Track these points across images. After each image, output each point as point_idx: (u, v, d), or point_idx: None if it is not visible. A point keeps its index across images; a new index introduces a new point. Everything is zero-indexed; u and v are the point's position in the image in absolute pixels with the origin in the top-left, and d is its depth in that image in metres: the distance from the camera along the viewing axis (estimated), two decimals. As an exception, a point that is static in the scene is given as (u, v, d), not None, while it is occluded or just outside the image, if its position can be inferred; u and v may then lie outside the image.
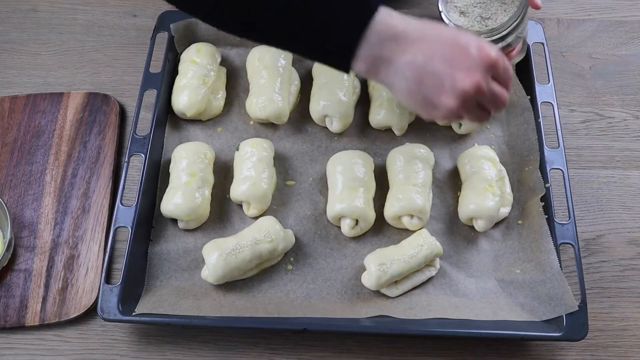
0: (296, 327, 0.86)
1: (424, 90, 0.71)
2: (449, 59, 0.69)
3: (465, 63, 0.69)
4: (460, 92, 0.70)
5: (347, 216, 0.94)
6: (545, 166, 0.97)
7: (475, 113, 0.74)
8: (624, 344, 0.91)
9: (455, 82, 0.69)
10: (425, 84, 0.70)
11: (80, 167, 1.02)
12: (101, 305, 0.87)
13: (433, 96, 0.71)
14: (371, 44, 0.70)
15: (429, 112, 0.73)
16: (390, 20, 0.70)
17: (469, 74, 0.69)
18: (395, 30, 0.69)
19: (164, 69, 1.06)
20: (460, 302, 0.90)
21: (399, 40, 0.70)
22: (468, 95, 0.70)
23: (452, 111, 0.71)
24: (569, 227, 0.92)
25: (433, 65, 0.69)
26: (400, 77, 0.71)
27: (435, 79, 0.70)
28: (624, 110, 1.11)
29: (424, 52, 0.69)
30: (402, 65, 0.70)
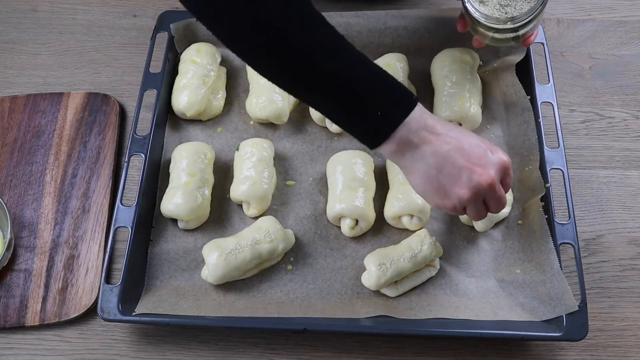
0: (296, 327, 0.86)
1: (441, 178, 0.77)
2: (469, 155, 0.76)
3: (483, 161, 0.77)
4: (475, 185, 0.76)
5: (347, 216, 0.94)
6: (545, 166, 0.97)
7: (479, 208, 0.80)
8: (624, 344, 0.91)
9: (472, 175, 0.76)
10: (444, 173, 0.77)
11: (80, 167, 1.02)
12: (101, 305, 0.87)
13: (447, 185, 0.77)
14: (406, 130, 0.76)
15: (440, 199, 0.79)
16: (424, 113, 0.77)
17: (485, 171, 0.76)
18: (426, 122, 0.76)
19: (164, 69, 1.06)
20: (460, 302, 0.90)
21: (429, 131, 0.76)
22: (481, 190, 0.77)
23: (462, 201, 0.78)
24: (569, 227, 0.92)
25: (455, 158, 0.76)
26: (423, 162, 0.77)
27: (454, 170, 0.76)
28: (624, 110, 1.11)
29: (448, 145, 0.76)
30: (427, 151, 0.76)
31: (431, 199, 0.80)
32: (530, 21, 0.93)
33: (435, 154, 0.76)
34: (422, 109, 0.77)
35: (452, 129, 0.78)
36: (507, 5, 0.93)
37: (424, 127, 0.76)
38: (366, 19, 1.09)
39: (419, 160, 0.77)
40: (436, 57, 1.08)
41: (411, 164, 0.78)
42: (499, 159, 0.78)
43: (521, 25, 0.93)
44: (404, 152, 0.77)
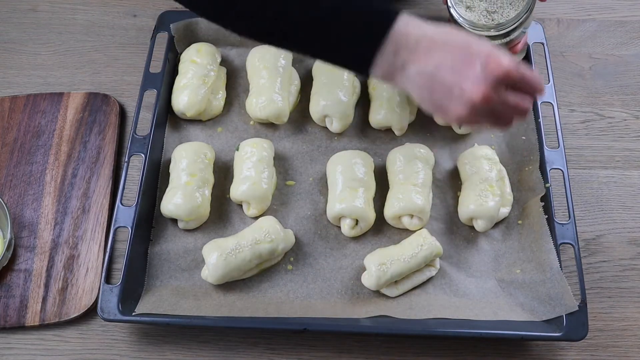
0: (296, 327, 0.86)
1: (435, 98, 0.73)
2: (457, 69, 0.70)
3: (473, 74, 0.70)
4: (468, 101, 0.71)
5: (347, 216, 0.94)
6: (545, 166, 0.97)
7: (494, 119, 0.74)
8: (624, 344, 0.91)
9: (463, 92, 0.70)
10: (436, 92, 0.72)
11: (80, 167, 1.02)
12: (101, 305, 0.87)
13: (443, 104, 0.73)
14: (387, 52, 0.72)
15: (444, 116, 0.75)
16: (407, 28, 0.71)
17: (475, 86, 0.70)
18: (408, 39, 0.71)
19: (164, 69, 1.06)
20: (460, 302, 0.90)
21: (412, 49, 0.71)
22: (476, 105, 0.71)
23: (462, 118, 0.73)
24: (569, 227, 0.92)
25: (442, 75, 0.71)
26: (413, 84, 0.73)
27: (444, 88, 0.71)
28: (624, 110, 1.11)
29: (434, 61, 0.71)
30: (413, 72, 0.72)
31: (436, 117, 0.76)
32: (516, 28, 0.92)
33: (422, 74, 0.72)
34: (404, 23, 0.71)
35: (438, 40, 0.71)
36: (494, 12, 0.93)
37: (406, 46, 0.71)
38: (366, 19, 1.09)
39: (410, 83, 0.73)
40: (436, 57, 1.08)
41: (405, 86, 0.74)
42: (491, 69, 0.70)
43: (508, 32, 0.92)
44: (394, 76, 0.74)
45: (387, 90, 1.03)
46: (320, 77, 1.06)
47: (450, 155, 1.03)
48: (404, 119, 1.03)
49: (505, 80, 0.71)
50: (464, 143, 1.04)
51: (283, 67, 1.06)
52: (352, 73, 0.76)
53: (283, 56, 1.06)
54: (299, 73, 1.10)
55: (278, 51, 1.06)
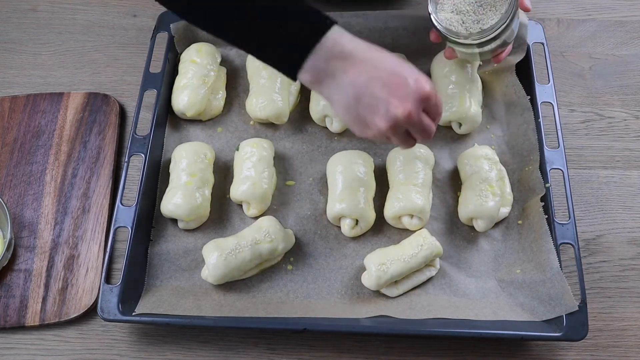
0: (296, 327, 0.86)
1: (360, 109, 0.76)
2: (387, 85, 0.74)
3: (402, 91, 0.74)
4: (392, 116, 0.75)
5: (347, 216, 0.94)
6: (545, 166, 0.97)
7: (402, 138, 0.79)
8: (624, 344, 0.91)
9: (389, 106, 0.74)
10: (362, 104, 0.75)
11: (80, 167, 1.02)
12: (101, 305, 0.87)
13: (367, 116, 0.76)
14: (319, 58, 0.74)
15: (361, 129, 0.78)
16: (341, 38, 0.74)
17: (402, 102, 0.74)
18: (343, 48, 0.74)
19: (164, 69, 1.06)
20: (460, 302, 0.90)
21: (346, 59, 0.74)
22: (399, 121, 0.75)
23: (381, 132, 0.77)
24: (569, 227, 0.92)
25: (372, 88, 0.74)
26: (341, 93, 0.75)
27: (372, 100, 0.75)
28: (624, 110, 1.11)
29: (367, 73, 0.74)
30: (345, 82, 0.75)
31: (353, 128, 0.79)
32: (494, 38, 0.91)
33: (353, 84, 0.74)
34: (339, 34, 0.74)
35: (374, 56, 0.75)
36: (478, 21, 0.92)
37: (340, 55, 0.74)
38: (366, 19, 1.09)
39: (337, 91, 0.76)
40: (436, 57, 1.08)
41: (330, 94, 0.77)
42: (418, 89, 0.74)
43: (484, 41, 0.92)
44: (322, 82, 0.76)
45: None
46: (320, 77, 1.06)
47: (450, 155, 1.03)
48: (404, 119, 1.03)
49: (426, 101, 0.76)
50: (464, 143, 1.04)
51: (283, 67, 1.06)
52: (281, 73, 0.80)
53: (283, 56, 1.06)
54: (299, 73, 1.10)
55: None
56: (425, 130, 0.78)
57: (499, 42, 0.93)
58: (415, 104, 0.75)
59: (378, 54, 0.76)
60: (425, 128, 0.78)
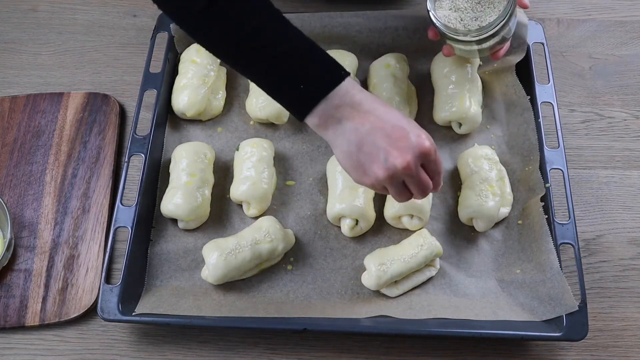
0: (296, 327, 0.86)
1: (360, 156, 0.78)
2: (389, 136, 0.77)
3: (402, 144, 0.76)
4: (390, 166, 0.77)
5: (347, 216, 0.94)
6: (545, 166, 0.97)
7: (399, 190, 0.80)
8: (624, 344, 0.91)
9: (389, 156, 0.76)
10: (363, 151, 0.78)
11: (80, 167, 1.02)
12: (101, 305, 0.87)
13: (366, 163, 0.78)
14: (329, 105, 0.77)
15: (359, 176, 0.80)
16: (352, 89, 0.78)
17: (402, 154, 0.76)
18: (353, 98, 0.77)
19: (164, 69, 1.06)
20: (460, 302, 0.90)
21: (354, 107, 0.77)
22: (397, 172, 0.77)
23: (378, 181, 0.79)
24: (569, 227, 0.92)
25: (374, 137, 0.77)
26: (344, 139, 0.78)
27: (373, 149, 0.77)
28: (624, 110, 1.11)
29: (371, 123, 0.77)
30: (349, 128, 0.78)
31: (352, 174, 0.81)
32: (493, 35, 0.92)
33: (357, 131, 0.77)
34: (351, 85, 0.78)
35: (380, 108, 0.78)
36: (476, 18, 0.92)
37: (349, 104, 0.77)
38: (366, 19, 1.09)
39: (341, 136, 0.78)
40: (436, 57, 1.08)
41: (334, 139, 0.79)
42: (418, 144, 0.77)
43: (483, 38, 0.92)
44: (327, 127, 0.79)
45: (387, 90, 1.03)
46: (320, 77, 1.06)
47: (450, 155, 1.03)
48: (404, 119, 1.03)
49: (425, 157, 0.78)
50: (464, 143, 1.04)
51: (283, 67, 1.06)
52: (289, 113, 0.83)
53: (283, 56, 1.06)
54: (299, 73, 1.09)
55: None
56: (421, 184, 0.80)
57: (497, 39, 0.93)
58: (414, 157, 0.77)
59: (384, 107, 0.79)
60: (422, 183, 0.80)
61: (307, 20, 1.09)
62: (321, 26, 1.09)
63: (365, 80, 1.09)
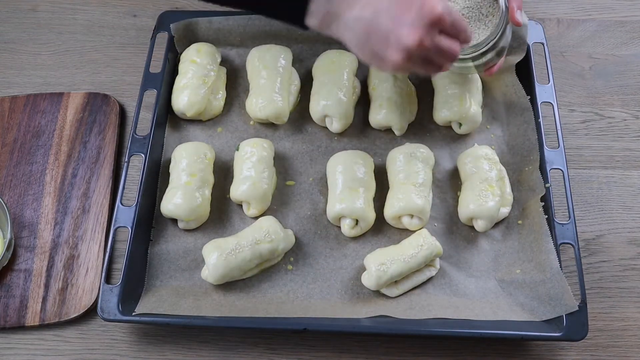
0: (296, 327, 0.86)
1: (371, 44, 0.73)
2: (393, 15, 0.71)
3: (409, 19, 0.71)
4: (404, 47, 0.72)
5: (347, 216, 0.94)
6: (545, 166, 0.97)
7: (424, 65, 0.76)
8: (624, 344, 0.91)
9: (399, 38, 0.71)
10: (373, 39, 0.73)
11: (80, 167, 1.02)
12: (101, 305, 0.87)
13: (380, 50, 0.73)
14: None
15: (379, 64, 0.76)
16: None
17: (411, 31, 0.71)
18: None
19: (164, 69, 1.06)
20: (460, 302, 0.90)
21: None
22: (412, 51, 0.72)
23: (398, 64, 0.74)
24: (569, 227, 0.92)
25: (379, 21, 0.72)
26: (350, 31, 0.73)
27: (381, 34, 0.72)
28: (624, 110, 1.11)
29: (371, 6, 0.72)
30: (351, 19, 0.73)
31: (372, 64, 0.77)
32: (487, 51, 0.92)
33: (360, 20, 0.73)
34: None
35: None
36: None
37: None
38: (366, 19, 1.09)
39: (347, 30, 0.74)
40: (436, 57, 1.08)
41: (342, 35, 0.75)
42: (427, 12, 0.71)
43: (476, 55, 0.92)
44: (330, 24, 0.74)
45: (387, 90, 1.03)
46: (320, 77, 1.06)
47: (450, 155, 1.03)
48: (404, 119, 1.03)
49: (439, 24, 0.72)
50: (464, 143, 1.04)
51: (283, 67, 1.06)
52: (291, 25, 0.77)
53: (283, 56, 1.06)
54: (299, 73, 1.10)
55: (278, 51, 1.06)
56: (445, 52, 0.74)
57: (491, 55, 0.94)
58: (425, 29, 0.71)
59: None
60: (445, 50, 0.74)
61: (307, 20, 1.09)
62: (321, 26, 1.09)
63: (365, 81, 1.09)
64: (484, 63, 0.96)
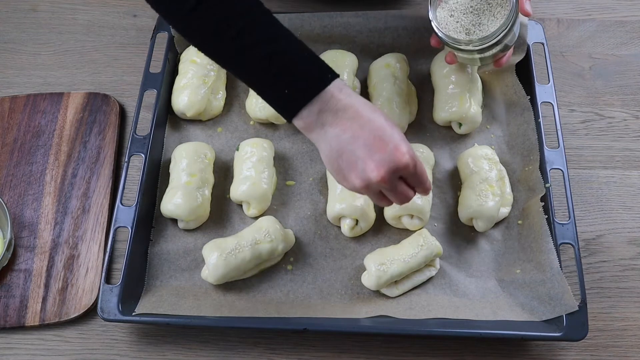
0: (296, 327, 0.86)
1: (340, 162, 0.78)
2: (368, 147, 0.76)
3: (379, 157, 0.76)
4: (366, 178, 0.77)
5: (347, 216, 0.94)
6: (545, 166, 0.97)
7: (378, 197, 0.81)
8: (624, 344, 0.91)
9: (365, 168, 0.77)
10: (343, 158, 0.78)
11: (80, 167, 1.02)
12: (101, 305, 0.87)
13: (345, 170, 0.79)
14: (313, 109, 0.77)
15: (340, 180, 0.81)
16: (339, 94, 0.77)
17: (378, 167, 0.76)
18: (337, 104, 0.77)
19: (164, 69, 1.06)
20: (460, 302, 0.90)
21: (337, 114, 0.77)
22: (371, 183, 0.77)
23: (356, 189, 0.79)
24: (569, 227, 0.92)
25: (354, 147, 0.77)
26: (327, 144, 0.79)
27: (352, 157, 0.77)
28: (624, 110, 1.11)
29: (352, 131, 0.77)
30: (331, 134, 0.78)
31: (334, 177, 0.81)
32: (497, 43, 0.91)
33: (338, 138, 0.77)
34: (338, 89, 0.77)
35: (365, 115, 0.77)
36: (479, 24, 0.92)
37: (333, 109, 0.77)
38: (366, 19, 1.09)
39: (324, 141, 0.79)
40: (436, 57, 1.08)
41: (318, 142, 0.80)
42: (395, 158, 0.76)
43: (487, 46, 0.91)
44: (312, 130, 0.79)
45: (387, 90, 1.03)
46: (320, 77, 1.06)
47: (450, 155, 1.03)
48: (404, 119, 1.03)
49: (402, 170, 0.77)
50: (464, 143, 1.04)
51: (283, 67, 1.06)
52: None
53: (283, 56, 1.06)
54: (299, 73, 1.09)
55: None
56: (399, 195, 0.80)
57: (500, 47, 0.93)
58: (389, 171, 0.76)
59: (371, 113, 0.77)
60: (400, 194, 0.80)
61: (307, 20, 1.09)
62: (321, 26, 1.09)
63: (365, 80, 1.09)
64: (491, 56, 0.95)
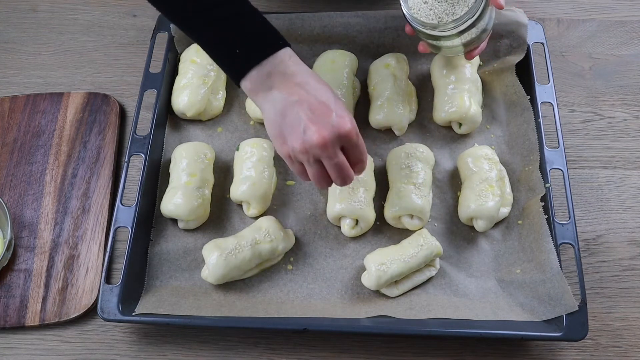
0: (296, 327, 0.86)
1: (283, 125, 0.79)
2: (312, 111, 0.78)
3: (323, 120, 0.77)
4: (307, 140, 0.78)
5: (347, 216, 0.94)
6: (545, 166, 0.97)
7: (317, 171, 0.81)
8: (624, 344, 0.91)
9: (306, 130, 0.78)
10: (286, 121, 0.79)
11: (80, 167, 1.02)
12: (101, 305, 0.87)
13: (286, 133, 0.80)
14: (262, 71, 0.79)
15: (279, 144, 0.81)
16: (288, 60, 0.80)
17: (319, 129, 0.77)
18: (286, 69, 0.80)
19: (164, 69, 1.06)
20: (460, 302, 0.90)
21: (286, 78, 0.80)
22: (312, 146, 0.78)
23: (295, 152, 0.80)
24: (569, 227, 0.92)
25: (299, 109, 0.78)
26: (271, 106, 0.80)
27: (295, 120, 0.78)
28: (624, 110, 1.11)
29: (299, 95, 0.79)
30: (278, 96, 0.79)
31: (273, 142, 0.82)
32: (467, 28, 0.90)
33: (284, 100, 0.79)
34: (288, 56, 0.80)
35: (312, 83, 0.80)
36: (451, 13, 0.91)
37: (282, 73, 0.79)
38: (366, 19, 1.09)
39: (269, 103, 0.80)
40: (436, 57, 1.08)
41: (263, 105, 0.81)
42: (338, 124, 0.78)
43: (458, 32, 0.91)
44: (258, 92, 0.81)
45: (387, 90, 1.03)
46: (320, 77, 1.06)
47: (450, 155, 1.04)
48: (404, 119, 1.03)
49: (345, 140, 0.79)
50: (464, 143, 1.04)
51: (283, 67, 1.06)
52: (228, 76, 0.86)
53: (283, 56, 1.07)
54: (299, 73, 1.09)
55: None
56: (339, 167, 0.80)
57: (473, 35, 0.93)
58: (331, 135, 0.77)
59: (317, 83, 0.80)
60: (340, 166, 0.80)
61: (307, 20, 1.09)
62: (321, 26, 1.09)
63: (365, 80, 1.09)
64: (465, 43, 0.95)
